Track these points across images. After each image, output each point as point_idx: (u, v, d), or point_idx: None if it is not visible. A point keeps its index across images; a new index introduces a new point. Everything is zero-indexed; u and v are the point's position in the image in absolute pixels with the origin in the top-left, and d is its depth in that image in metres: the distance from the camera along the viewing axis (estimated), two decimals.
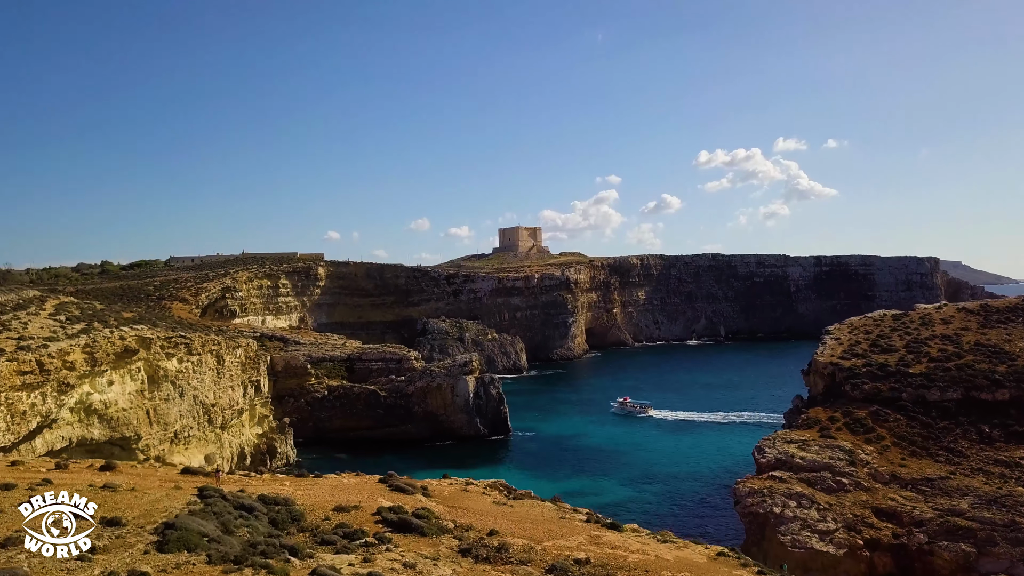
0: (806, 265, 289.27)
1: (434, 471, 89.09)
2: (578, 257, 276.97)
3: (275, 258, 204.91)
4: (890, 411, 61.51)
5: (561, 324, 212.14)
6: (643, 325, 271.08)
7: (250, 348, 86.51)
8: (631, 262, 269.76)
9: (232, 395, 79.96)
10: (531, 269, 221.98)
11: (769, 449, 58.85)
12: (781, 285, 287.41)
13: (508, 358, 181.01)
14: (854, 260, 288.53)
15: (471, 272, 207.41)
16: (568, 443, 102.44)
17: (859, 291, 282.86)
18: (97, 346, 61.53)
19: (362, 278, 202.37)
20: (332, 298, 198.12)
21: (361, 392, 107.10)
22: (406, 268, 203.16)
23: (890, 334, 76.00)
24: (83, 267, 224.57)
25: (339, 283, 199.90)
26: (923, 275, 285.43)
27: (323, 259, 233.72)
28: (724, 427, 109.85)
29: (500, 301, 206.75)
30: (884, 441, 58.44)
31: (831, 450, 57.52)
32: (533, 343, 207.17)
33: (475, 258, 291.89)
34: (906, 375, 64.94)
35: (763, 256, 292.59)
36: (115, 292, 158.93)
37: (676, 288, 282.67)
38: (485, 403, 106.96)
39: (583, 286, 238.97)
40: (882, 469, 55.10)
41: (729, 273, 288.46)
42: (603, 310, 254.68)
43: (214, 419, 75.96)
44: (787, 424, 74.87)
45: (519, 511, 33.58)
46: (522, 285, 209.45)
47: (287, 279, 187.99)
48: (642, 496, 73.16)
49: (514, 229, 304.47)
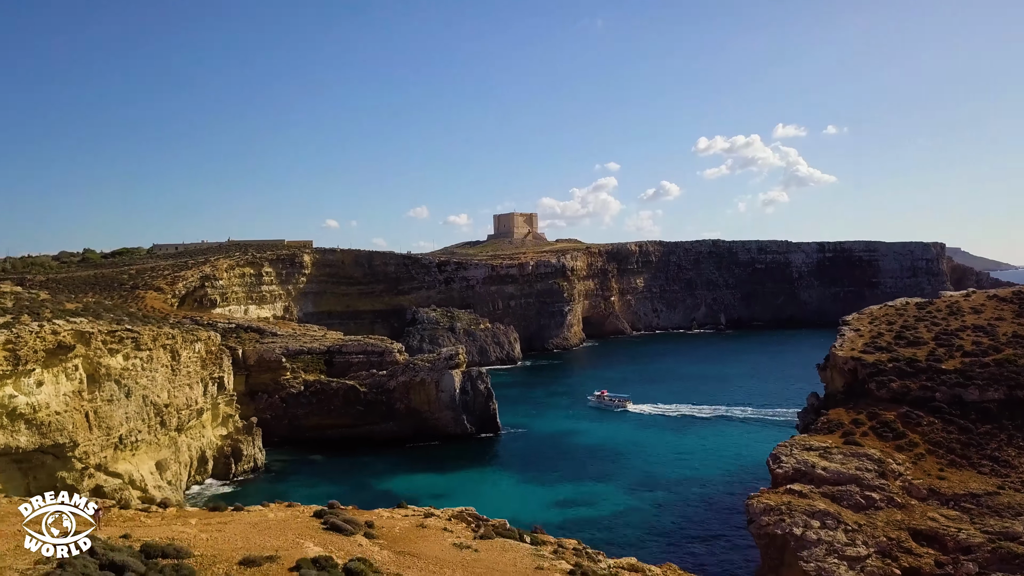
0: (809, 251, 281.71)
1: (414, 474, 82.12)
2: (575, 244, 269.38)
3: (259, 245, 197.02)
4: (922, 413, 54.18)
5: (557, 313, 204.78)
6: (642, 313, 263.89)
7: (211, 342, 78.99)
8: (629, 249, 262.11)
9: (189, 394, 72.52)
10: (526, 256, 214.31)
11: (786, 458, 51.53)
12: (783, 272, 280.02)
13: (501, 348, 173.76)
14: (858, 246, 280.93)
15: (464, 259, 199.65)
16: (561, 442, 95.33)
17: (863, 278, 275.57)
18: (21, 342, 53.97)
19: (350, 266, 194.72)
20: (319, 286, 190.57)
21: (339, 387, 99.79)
22: (396, 255, 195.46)
23: (916, 325, 68.66)
24: (64, 255, 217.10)
25: (326, 271, 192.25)
26: (929, 261, 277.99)
27: (311, 246, 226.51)
28: (727, 424, 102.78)
29: (493, 289, 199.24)
30: (918, 448, 51.16)
31: (858, 459, 50.22)
32: (528, 332, 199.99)
33: (469, 245, 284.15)
34: (939, 371, 57.58)
35: (765, 242, 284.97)
36: (88, 281, 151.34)
37: (675, 275, 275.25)
38: (472, 399, 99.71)
39: (580, 273, 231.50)
40: (918, 482, 47.83)
41: (730, 260, 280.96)
42: (600, 298, 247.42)
43: (168, 421, 68.58)
44: (802, 426, 67.60)
45: (484, 559, 26.25)
46: (516, 273, 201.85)
47: (271, 267, 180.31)
48: (641, 507, 65.94)
49: (509, 215, 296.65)
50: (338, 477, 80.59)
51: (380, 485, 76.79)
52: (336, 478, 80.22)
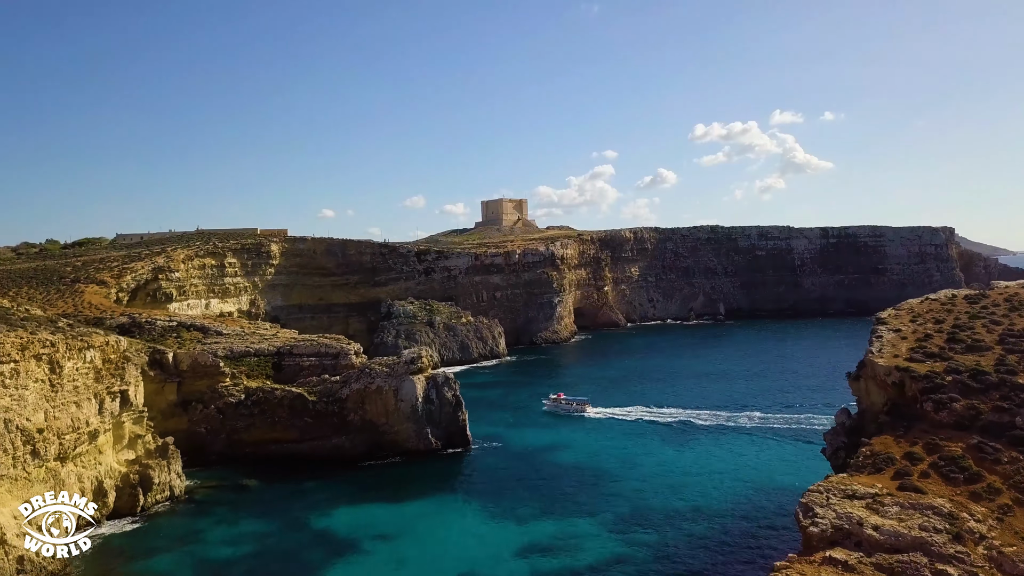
0: (812, 237, 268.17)
1: (363, 505, 68.25)
2: (567, 232, 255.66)
3: (223, 234, 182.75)
4: (1001, 445, 40.88)
5: (546, 304, 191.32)
6: (637, 304, 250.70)
7: (112, 348, 65.23)
8: (623, 236, 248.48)
9: (77, 413, 58.93)
10: (513, 244, 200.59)
11: (822, 509, 38.06)
12: (785, 259, 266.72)
13: (484, 344, 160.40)
14: (863, 231, 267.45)
15: (446, 248, 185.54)
16: (540, 460, 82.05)
17: (869, 264, 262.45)
18: None
19: (322, 255, 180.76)
20: (289, 278, 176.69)
21: (284, 396, 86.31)
22: (371, 244, 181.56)
23: (971, 324, 55.33)
24: (23, 247, 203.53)
25: (296, 261, 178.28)
26: (938, 246, 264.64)
27: (285, 235, 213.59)
28: (731, 435, 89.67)
29: (478, 280, 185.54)
30: (1001, 497, 37.83)
31: (921, 512, 36.83)
32: (515, 325, 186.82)
33: (455, 233, 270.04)
34: (1016, 388, 44.31)
35: (766, 228, 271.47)
36: (25, 275, 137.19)
37: (672, 263, 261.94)
38: (438, 409, 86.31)
39: (571, 262, 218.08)
40: (1010, 550, 34.57)
41: (729, 246, 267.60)
42: (593, 288, 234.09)
43: (44, 449, 55.04)
44: (831, 451, 54.29)
45: None
46: (502, 262, 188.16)
47: (235, 257, 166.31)
48: (634, 556, 52.45)
49: (498, 201, 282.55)
50: (270, 509, 67.26)
51: (319, 522, 63.54)
52: (268, 511, 66.89)
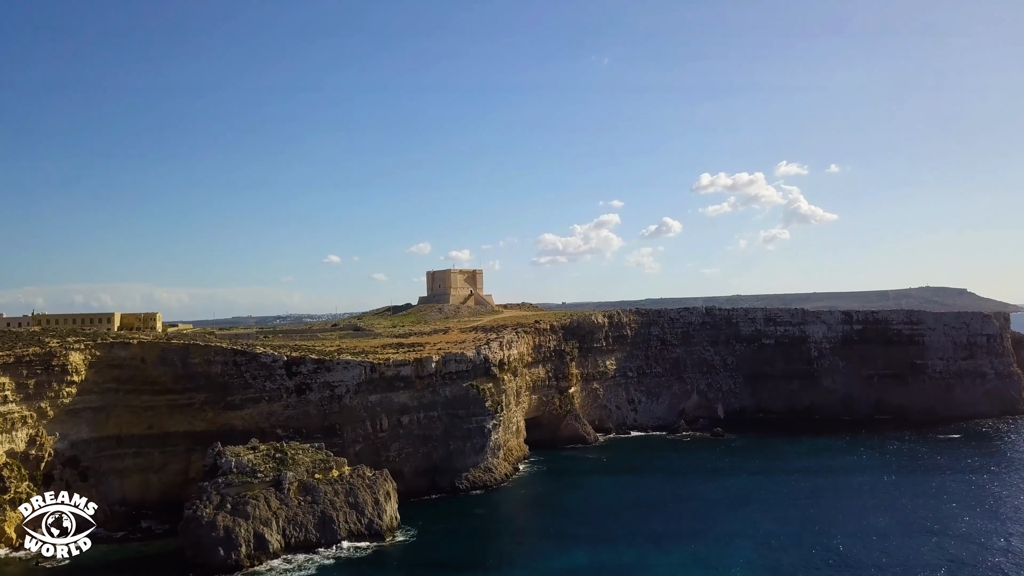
0: (831, 323, 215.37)
1: None
2: (524, 313, 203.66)
3: (33, 333, 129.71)
4: None
5: (475, 431, 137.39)
6: (613, 407, 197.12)
7: None
8: (595, 321, 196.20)
9: None
10: (432, 346, 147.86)
11: None
12: (798, 349, 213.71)
13: (359, 514, 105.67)
14: (896, 317, 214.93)
15: (326, 357, 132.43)
16: None
17: (904, 357, 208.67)
18: None
19: (153, 365, 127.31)
20: (102, 398, 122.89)
21: None
22: (222, 351, 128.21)
23: None
24: None
25: (114, 373, 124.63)
26: (990, 337, 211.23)
27: (156, 320, 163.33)
28: None
29: (374, 400, 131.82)
30: None
31: None
32: (430, 463, 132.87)
33: (386, 313, 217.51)
34: None
35: (773, 311, 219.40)
36: None
37: (658, 354, 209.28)
38: None
39: (523, 360, 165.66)
40: None
41: (729, 332, 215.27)
42: (554, 391, 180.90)
43: None
44: None
45: None
46: (411, 373, 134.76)
47: (7, 376, 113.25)
48: None
49: (445, 273, 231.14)
50: None
51: None
52: None
